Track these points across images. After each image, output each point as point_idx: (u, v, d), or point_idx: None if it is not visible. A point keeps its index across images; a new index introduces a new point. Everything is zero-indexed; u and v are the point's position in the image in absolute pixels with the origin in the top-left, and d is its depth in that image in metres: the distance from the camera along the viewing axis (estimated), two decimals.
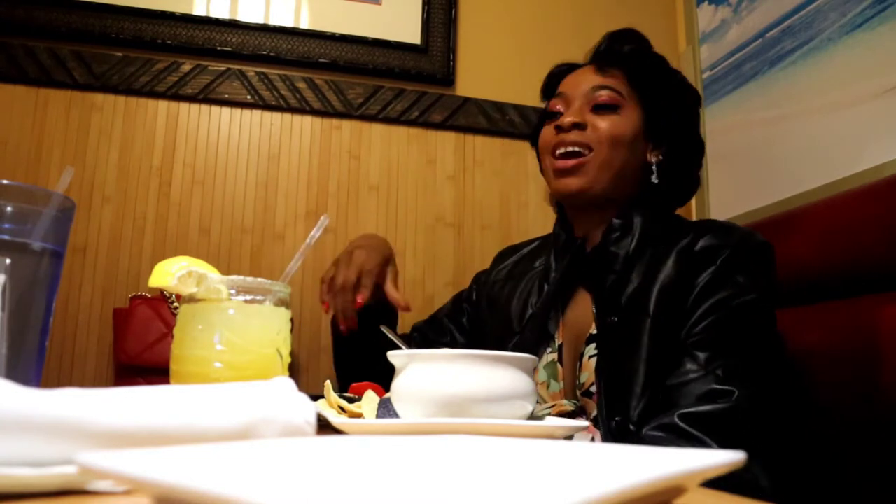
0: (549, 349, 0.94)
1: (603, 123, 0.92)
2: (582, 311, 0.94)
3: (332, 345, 1.11)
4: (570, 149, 0.92)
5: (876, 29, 1.18)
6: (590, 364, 0.87)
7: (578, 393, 0.88)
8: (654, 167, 0.94)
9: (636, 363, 0.82)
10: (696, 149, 0.99)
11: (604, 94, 0.93)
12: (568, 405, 0.88)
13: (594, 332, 0.89)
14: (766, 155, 1.44)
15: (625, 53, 0.98)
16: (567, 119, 0.92)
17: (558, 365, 0.93)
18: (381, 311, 1.03)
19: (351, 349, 1.06)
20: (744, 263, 0.83)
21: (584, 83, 0.95)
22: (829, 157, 1.27)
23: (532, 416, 0.66)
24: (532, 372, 0.67)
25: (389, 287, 1.01)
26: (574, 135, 0.92)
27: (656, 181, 0.94)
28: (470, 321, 1.13)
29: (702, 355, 0.80)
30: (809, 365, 0.94)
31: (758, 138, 1.46)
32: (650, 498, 0.25)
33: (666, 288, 0.84)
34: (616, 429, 0.80)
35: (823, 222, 1.01)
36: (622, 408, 0.81)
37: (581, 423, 0.75)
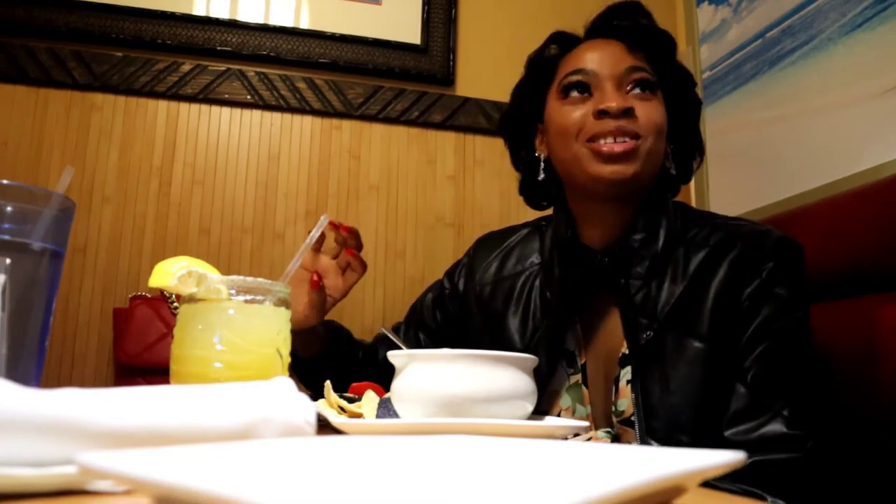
0: (570, 370, 0.86)
1: (646, 110, 0.83)
2: (606, 323, 0.85)
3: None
4: (618, 138, 0.81)
5: (876, 29, 1.18)
6: (627, 389, 0.79)
7: (615, 420, 0.81)
8: (669, 157, 0.88)
9: (685, 393, 0.76)
10: (698, 137, 0.93)
11: (641, 76, 0.85)
12: (604, 437, 0.81)
13: (626, 350, 0.81)
14: (766, 155, 1.44)
15: (647, 32, 0.89)
16: (614, 104, 0.81)
17: (583, 388, 0.85)
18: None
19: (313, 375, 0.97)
20: (787, 275, 0.79)
21: (614, 62, 0.85)
22: (829, 157, 1.27)
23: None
24: (532, 372, 0.67)
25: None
26: (623, 122, 0.81)
27: (673, 172, 0.89)
28: (444, 324, 1.04)
29: (761, 388, 0.75)
30: None
31: (758, 138, 1.46)
32: (650, 498, 0.25)
33: (720, 305, 0.78)
34: None
35: (823, 222, 1.01)
36: (668, 440, 0.76)
37: (581, 422, 0.75)
